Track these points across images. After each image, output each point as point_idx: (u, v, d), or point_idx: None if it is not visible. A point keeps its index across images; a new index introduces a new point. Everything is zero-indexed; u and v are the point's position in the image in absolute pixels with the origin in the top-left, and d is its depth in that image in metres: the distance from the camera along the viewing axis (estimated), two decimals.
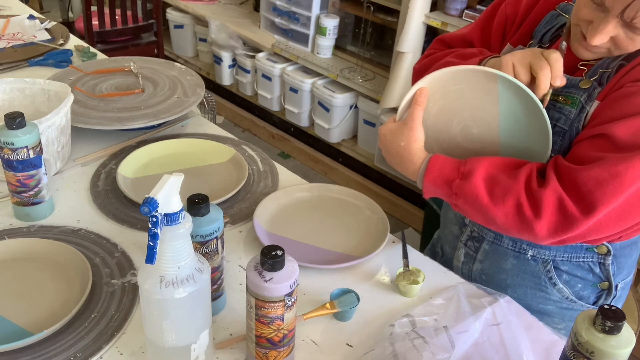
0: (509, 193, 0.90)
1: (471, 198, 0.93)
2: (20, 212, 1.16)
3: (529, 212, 0.89)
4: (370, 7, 2.84)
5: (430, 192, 0.99)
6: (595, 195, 0.86)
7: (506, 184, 0.91)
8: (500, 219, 0.92)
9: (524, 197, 0.90)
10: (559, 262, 1.08)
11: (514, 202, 0.90)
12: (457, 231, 1.20)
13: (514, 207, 0.90)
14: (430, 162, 0.97)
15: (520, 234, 0.93)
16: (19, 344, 0.87)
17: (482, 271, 1.16)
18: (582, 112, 0.95)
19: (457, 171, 0.94)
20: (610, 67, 0.94)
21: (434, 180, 0.96)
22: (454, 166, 0.95)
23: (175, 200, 0.76)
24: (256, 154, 1.44)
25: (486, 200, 0.92)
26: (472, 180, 0.92)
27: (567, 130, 0.97)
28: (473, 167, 0.93)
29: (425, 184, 0.98)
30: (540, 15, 1.07)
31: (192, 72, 1.68)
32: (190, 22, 3.76)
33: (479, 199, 0.92)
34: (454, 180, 0.94)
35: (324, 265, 1.08)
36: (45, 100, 1.36)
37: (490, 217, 0.93)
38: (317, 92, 3.06)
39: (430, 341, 0.90)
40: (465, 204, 0.94)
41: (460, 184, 0.93)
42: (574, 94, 0.96)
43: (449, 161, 0.96)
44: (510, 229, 0.93)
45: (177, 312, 0.80)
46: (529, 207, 0.89)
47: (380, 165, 2.95)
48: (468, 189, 0.93)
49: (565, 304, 1.11)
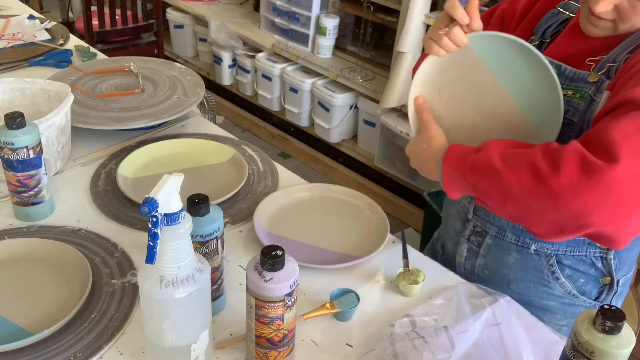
0: (523, 158, 0.86)
1: (485, 166, 0.89)
2: (20, 212, 1.16)
3: (545, 169, 0.82)
4: (370, 7, 2.84)
5: (448, 177, 0.95)
6: (622, 146, 0.80)
7: (521, 152, 0.88)
8: (515, 186, 0.85)
9: (540, 157, 0.84)
10: (561, 256, 1.08)
11: (528, 165, 0.85)
12: (460, 227, 1.20)
13: (529, 170, 0.84)
14: (448, 148, 0.96)
15: (540, 203, 0.85)
16: (19, 344, 0.87)
17: (485, 266, 1.17)
18: (592, 104, 0.96)
19: (472, 149, 0.93)
20: (617, 60, 0.95)
21: (451, 160, 0.94)
22: (470, 147, 0.94)
23: (175, 200, 0.76)
24: (256, 154, 1.44)
25: (499, 165, 0.87)
26: (486, 151, 0.90)
27: (577, 123, 0.98)
28: (489, 143, 0.92)
29: (444, 166, 0.95)
30: (541, 13, 1.09)
31: (192, 72, 1.68)
32: (190, 22, 3.76)
33: (492, 166, 0.88)
34: (468, 155, 0.92)
35: (324, 265, 1.09)
36: (45, 100, 1.36)
37: (504, 189, 0.87)
38: (317, 92, 3.06)
39: (430, 341, 0.90)
40: (480, 177, 0.90)
41: (474, 156, 0.91)
42: (583, 87, 0.97)
43: (466, 146, 0.96)
44: (527, 199, 0.86)
45: (177, 312, 0.80)
46: (545, 165, 0.83)
47: (380, 165, 2.95)
48: (482, 158, 0.90)
49: (567, 299, 1.12)
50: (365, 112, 2.97)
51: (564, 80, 0.99)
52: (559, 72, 0.99)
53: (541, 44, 1.07)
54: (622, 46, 0.95)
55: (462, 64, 1.01)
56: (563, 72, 0.99)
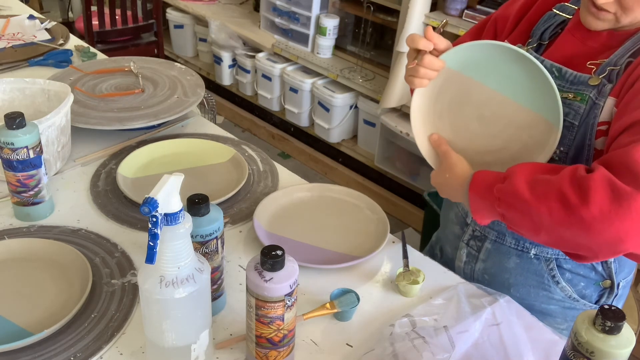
0: (550, 187, 0.85)
1: (513, 198, 0.88)
2: (20, 212, 1.16)
3: (575, 199, 0.81)
4: (370, 7, 2.84)
5: (476, 206, 0.95)
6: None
7: (548, 180, 0.86)
8: (545, 217, 0.85)
9: (568, 186, 0.83)
10: (561, 260, 1.08)
11: (557, 194, 0.83)
12: (459, 231, 1.20)
13: (558, 200, 0.83)
14: (474, 176, 0.96)
15: (572, 232, 0.84)
16: (19, 344, 0.87)
17: (485, 270, 1.16)
18: (594, 107, 0.95)
19: (498, 176, 0.93)
20: (618, 64, 0.94)
21: (478, 190, 0.94)
22: (496, 174, 0.94)
23: (175, 200, 0.76)
24: (256, 154, 1.44)
25: (527, 196, 0.86)
26: (513, 180, 0.89)
27: (578, 125, 0.97)
28: (514, 170, 0.91)
29: (470, 196, 0.95)
30: (537, 15, 1.09)
31: (192, 72, 1.68)
32: (190, 22, 3.76)
33: (520, 197, 0.87)
34: (495, 184, 0.91)
35: (324, 265, 1.08)
36: (45, 100, 1.36)
37: (535, 219, 0.87)
38: (317, 92, 3.06)
39: (430, 341, 0.90)
40: (509, 208, 0.90)
41: (501, 187, 0.90)
42: (583, 90, 0.97)
43: (491, 172, 0.95)
44: (559, 229, 0.85)
45: (177, 312, 0.80)
46: (574, 194, 0.82)
47: (380, 165, 2.95)
48: (509, 189, 0.89)
49: (567, 303, 1.12)
50: (365, 112, 2.97)
51: (565, 83, 0.99)
52: (560, 75, 0.99)
53: (539, 47, 1.06)
54: (622, 50, 0.95)
55: (448, 85, 1.04)
56: (564, 75, 0.99)
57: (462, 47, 0.99)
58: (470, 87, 1.02)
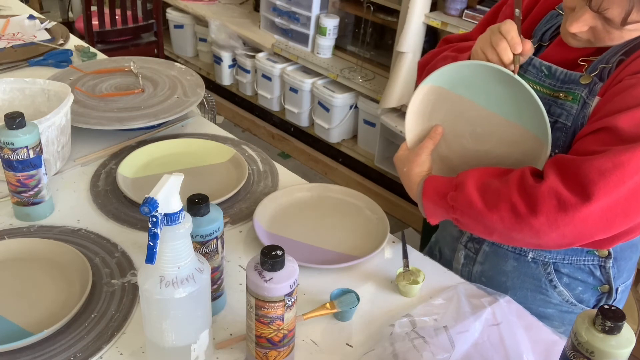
0: (500, 197, 0.91)
1: (466, 207, 0.93)
2: (20, 212, 1.16)
3: (524, 210, 0.88)
4: (370, 7, 2.84)
5: (431, 212, 1.00)
6: (598, 184, 0.84)
7: (497, 188, 0.92)
8: (498, 224, 0.91)
9: (517, 196, 0.89)
10: (559, 264, 1.08)
11: (507, 204, 0.90)
12: (457, 233, 1.20)
13: (509, 210, 0.90)
14: (425, 182, 1.00)
15: (523, 236, 0.91)
16: (19, 344, 0.87)
17: (482, 273, 1.16)
18: (585, 107, 0.96)
19: (450, 184, 0.97)
20: (610, 62, 0.94)
21: (431, 198, 0.99)
22: (447, 180, 0.98)
23: (175, 200, 0.76)
24: (256, 154, 1.44)
25: (480, 205, 0.92)
26: (465, 189, 0.94)
27: (570, 126, 0.97)
28: (465, 177, 0.95)
29: (424, 203, 1.00)
30: (540, 15, 1.08)
31: (192, 72, 1.68)
32: (190, 22, 3.76)
33: (473, 206, 0.93)
34: (448, 193, 0.96)
35: (324, 265, 1.08)
36: (45, 100, 1.36)
37: (488, 225, 0.93)
38: (317, 92, 3.06)
39: (430, 341, 0.90)
40: (463, 215, 0.95)
41: (454, 195, 0.95)
42: (575, 89, 0.96)
43: (442, 178, 1.00)
44: (510, 233, 0.92)
45: (177, 312, 0.80)
46: (523, 205, 0.88)
47: (380, 165, 2.95)
48: (462, 198, 0.94)
49: (565, 307, 1.11)
50: (365, 112, 2.97)
51: (555, 81, 0.99)
52: (550, 74, 0.99)
53: (540, 47, 1.06)
54: (614, 47, 0.94)
55: (440, 104, 1.04)
56: (554, 73, 0.99)
57: (451, 66, 1.00)
58: (461, 105, 1.03)
